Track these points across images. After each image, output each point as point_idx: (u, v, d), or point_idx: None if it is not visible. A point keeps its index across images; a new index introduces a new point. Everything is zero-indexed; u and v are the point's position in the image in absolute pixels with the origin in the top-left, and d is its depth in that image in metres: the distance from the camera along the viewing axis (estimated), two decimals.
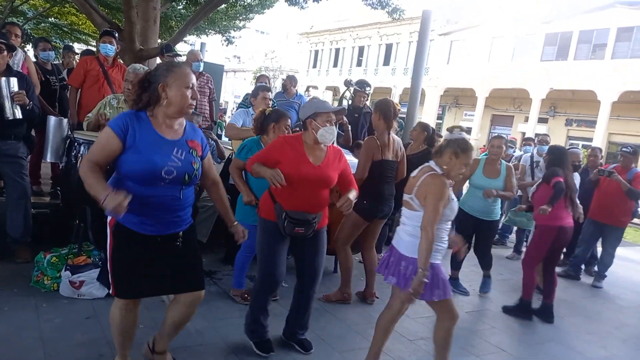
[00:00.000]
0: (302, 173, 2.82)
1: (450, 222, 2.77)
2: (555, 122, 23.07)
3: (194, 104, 2.23)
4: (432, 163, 2.74)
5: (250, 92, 5.78)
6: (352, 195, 2.92)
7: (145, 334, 2.98)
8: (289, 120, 3.61)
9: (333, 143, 3.15)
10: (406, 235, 2.72)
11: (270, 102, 4.43)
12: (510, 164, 5.14)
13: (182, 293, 2.36)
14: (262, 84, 5.29)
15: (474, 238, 4.74)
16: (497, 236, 6.60)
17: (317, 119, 2.86)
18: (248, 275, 3.93)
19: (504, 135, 6.80)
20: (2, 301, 3.14)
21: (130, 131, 2.13)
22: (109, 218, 2.21)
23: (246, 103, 5.66)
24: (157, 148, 2.15)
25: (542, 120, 22.71)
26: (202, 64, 5.86)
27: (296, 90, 6.32)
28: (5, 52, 3.54)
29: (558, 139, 20.27)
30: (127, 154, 2.12)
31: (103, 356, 2.68)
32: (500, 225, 6.35)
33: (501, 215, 5.29)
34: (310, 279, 3.04)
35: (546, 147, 6.24)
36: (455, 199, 2.76)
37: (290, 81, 6.19)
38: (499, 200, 4.76)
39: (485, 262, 4.85)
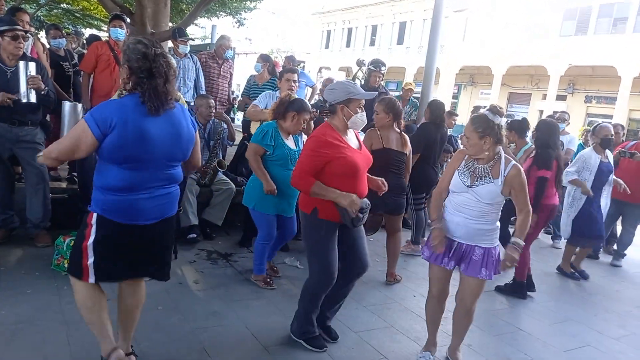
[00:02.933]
0: (358, 163, 2.72)
1: (458, 201, 2.72)
2: (574, 99, 22.54)
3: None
4: None
5: (252, 74, 5.85)
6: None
7: (165, 316, 3.04)
8: (308, 117, 3.61)
9: None
10: None
11: (294, 84, 4.40)
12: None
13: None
14: (289, 67, 5.35)
15: None
16: None
17: (349, 105, 2.72)
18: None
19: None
20: (25, 284, 3.21)
21: None
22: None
23: (250, 86, 5.73)
24: None
25: (560, 98, 22.20)
26: (232, 52, 6.01)
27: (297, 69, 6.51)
28: (23, 41, 3.58)
29: (577, 116, 19.84)
30: None
31: None
32: None
33: None
34: (359, 271, 2.94)
35: (564, 125, 6.09)
36: (459, 176, 2.72)
37: (289, 62, 6.28)
38: None
39: None
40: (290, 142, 3.60)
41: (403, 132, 4.07)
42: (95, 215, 2.14)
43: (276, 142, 3.49)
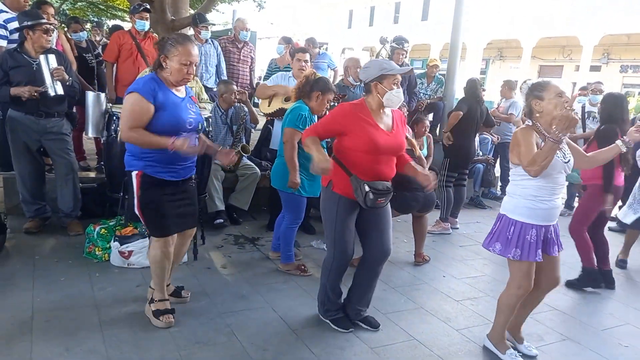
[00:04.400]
0: (379, 142, 2.62)
1: (556, 182, 2.51)
2: (608, 70, 21.61)
3: (190, 78, 2.56)
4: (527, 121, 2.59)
5: (274, 58, 5.78)
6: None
7: (194, 300, 3.07)
8: (332, 97, 3.50)
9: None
10: (506, 196, 2.65)
11: (305, 64, 4.30)
12: None
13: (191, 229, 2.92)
14: (300, 47, 5.26)
15: None
16: None
17: (383, 82, 2.63)
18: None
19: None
20: (59, 272, 3.30)
21: (156, 94, 2.49)
22: (134, 172, 2.57)
23: (272, 69, 5.67)
24: (178, 105, 2.56)
25: (594, 69, 21.30)
26: (249, 33, 5.96)
27: (319, 51, 6.49)
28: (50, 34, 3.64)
29: (613, 87, 19.01)
30: (157, 113, 2.48)
31: None
32: None
33: None
34: (380, 256, 2.85)
35: (599, 97, 5.80)
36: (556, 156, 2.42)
37: (309, 44, 6.19)
38: None
39: None
40: None
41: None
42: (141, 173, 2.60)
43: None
